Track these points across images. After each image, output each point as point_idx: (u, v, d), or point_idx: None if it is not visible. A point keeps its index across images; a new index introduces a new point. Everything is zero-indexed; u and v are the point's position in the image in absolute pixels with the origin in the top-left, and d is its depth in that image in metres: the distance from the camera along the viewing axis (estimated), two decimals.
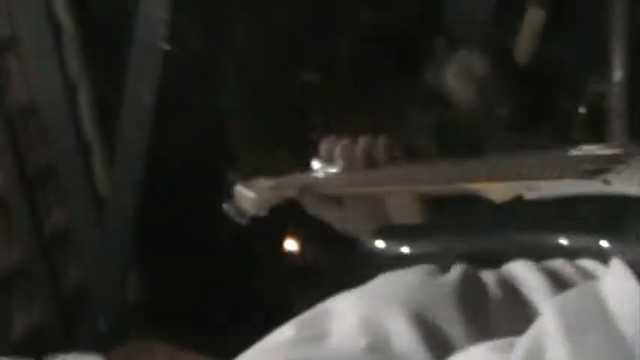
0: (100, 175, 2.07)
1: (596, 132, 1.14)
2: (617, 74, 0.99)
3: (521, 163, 0.71)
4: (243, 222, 0.97)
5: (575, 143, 1.03)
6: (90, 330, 1.99)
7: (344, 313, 0.50)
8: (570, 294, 0.47)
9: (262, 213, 0.96)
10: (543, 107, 1.29)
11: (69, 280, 2.04)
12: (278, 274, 2.06)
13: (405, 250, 0.65)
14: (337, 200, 0.90)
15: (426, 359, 0.46)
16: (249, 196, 0.97)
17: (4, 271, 1.89)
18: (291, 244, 2.02)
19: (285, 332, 0.49)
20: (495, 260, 0.55)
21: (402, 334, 0.46)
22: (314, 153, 0.94)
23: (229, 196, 0.99)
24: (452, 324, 0.48)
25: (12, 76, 1.92)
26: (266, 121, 2.04)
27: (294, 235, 2.01)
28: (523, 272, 0.53)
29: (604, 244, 0.55)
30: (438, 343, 0.46)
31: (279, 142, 1.96)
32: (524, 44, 1.36)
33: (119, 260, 2.02)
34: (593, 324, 0.41)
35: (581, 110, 1.03)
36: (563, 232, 0.58)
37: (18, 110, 1.92)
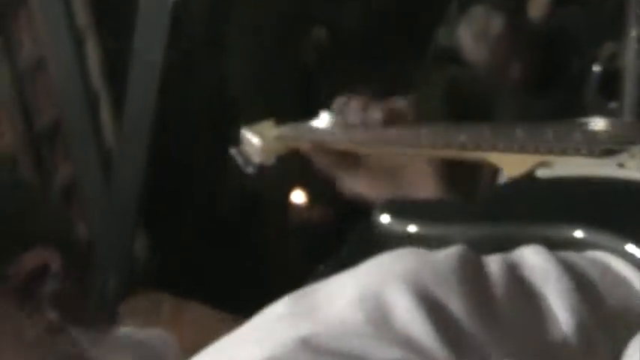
0: (107, 131, 2.06)
1: (610, 92, 1.13)
2: (632, 32, 0.97)
3: (537, 136, 0.70)
4: (250, 170, 0.94)
5: (589, 104, 1.01)
6: (97, 285, 2.00)
7: (342, 288, 0.47)
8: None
9: (269, 162, 0.94)
10: (557, 67, 1.28)
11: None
12: (283, 228, 2.06)
13: (412, 229, 0.63)
14: (349, 160, 0.88)
15: (432, 340, 0.44)
16: (255, 144, 0.94)
17: None
18: (297, 198, 2.01)
19: (279, 308, 0.48)
20: (505, 249, 0.53)
21: (404, 311, 0.44)
22: (324, 108, 0.92)
23: (237, 142, 0.96)
24: (457, 306, 0.46)
25: (20, 32, 1.91)
26: (274, 79, 2.03)
27: (300, 188, 2.00)
28: (533, 259, 0.51)
29: (616, 239, 0.54)
30: (442, 322, 0.44)
31: (286, 99, 1.95)
32: (538, 3, 1.34)
33: (126, 216, 2.03)
34: None
35: (595, 70, 1.01)
36: (577, 224, 0.56)
37: (26, 67, 1.92)
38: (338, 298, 0.45)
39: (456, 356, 0.42)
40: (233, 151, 0.95)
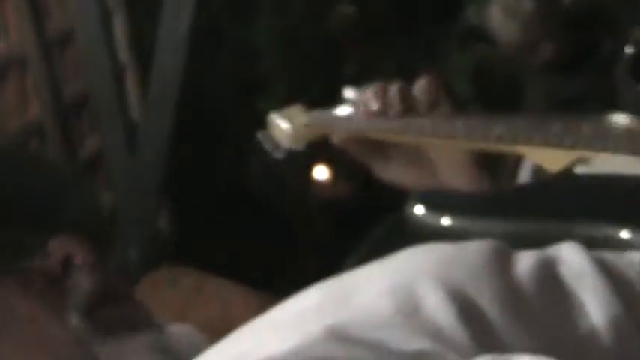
0: (133, 104, 2.07)
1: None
2: None
3: (576, 131, 0.68)
4: (278, 155, 0.93)
5: (619, 86, 1.00)
6: (120, 258, 2.01)
7: (372, 279, 0.47)
8: None
9: (298, 148, 0.92)
10: (587, 48, 1.26)
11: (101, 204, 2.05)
12: (307, 203, 2.06)
13: (446, 222, 0.62)
14: (384, 149, 0.87)
15: (461, 333, 0.43)
16: (284, 129, 0.93)
17: None
18: (322, 173, 2.01)
19: (309, 296, 0.47)
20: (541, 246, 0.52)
21: (435, 303, 0.44)
22: (350, 84, 0.91)
23: (264, 125, 0.95)
24: (487, 300, 0.45)
25: (49, 4, 1.91)
26: (300, 53, 2.02)
27: (325, 164, 2.00)
28: (569, 255, 0.50)
29: None
30: (471, 315, 0.44)
31: (312, 74, 1.94)
32: None
33: (151, 188, 2.03)
34: None
35: (627, 51, 1.00)
36: (622, 224, 0.55)
37: (54, 39, 1.92)
38: (368, 288, 0.45)
39: (483, 350, 0.42)
40: (260, 135, 0.94)
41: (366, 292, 0.45)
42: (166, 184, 2.05)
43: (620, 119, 0.69)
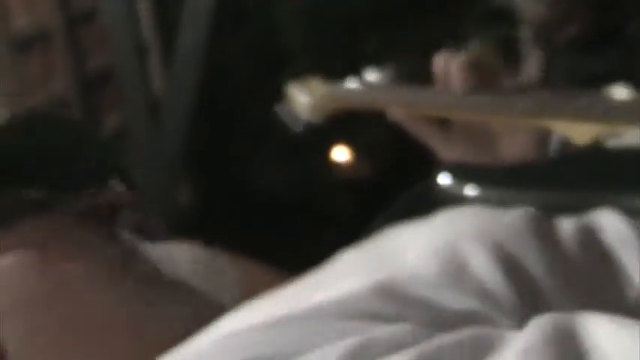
0: (156, 79, 2.07)
1: None
2: None
3: (606, 105, 0.68)
4: (297, 129, 0.92)
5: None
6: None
7: (413, 241, 0.47)
8: None
9: (317, 120, 0.91)
10: (613, 28, 1.25)
11: None
12: (329, 181, 2.06)
13: (471, 192, 0.61)
14: (442, 125, 0.84)
15: (508, 293, 0.43)
16: (303, 101, 0.91)
17: None
18: (342, 153, 2.01)
19: (350, 257, 0.47)
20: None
21: (480, 263, 0.43)
22: (372, 62, 0.90)
23: (283, 98, 0.93)
24: (531, 261, 0.44)
25: None
26: (322, 29, 2.02)
27: (345, 145, 2.00)
28: (610, 222, 0.49)
29: None
30: (517, 275, 0.43)
31: (334, 51, 1.94)
32: None
33: (172, 163, 2.04)
34: None
35: None
36: None
37: (79, 14, 1.93)
38: (410, 250, 0.45)
39: (529, 309, 0.41)
40: (278, 107, 0.93)
41: (408, 253, 0.45)
42: (188, 159, 2.06)
43: None
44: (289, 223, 1.94)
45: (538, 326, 0.38)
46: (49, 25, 1.88)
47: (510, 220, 0.47)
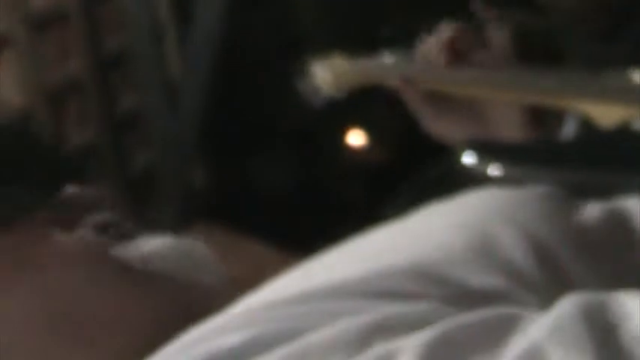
0: (172, 60, 2.07)
1: None
2: None
3: (631, 87, 0.67)
4: (318, 103, 0.92)
5: None
6: (156, 214, 2.03)
7: (442, 218, 0.47)
8: None
9: (339, 95, 0.91)
10: (631, 14, 1.24)
11: (137, 165, 2.08)
12: (344, 166, 2.06)
13: (496, 171, 0.60)
14: (435, 99, 0.85)
15: (535, 272, 0.42)
16: (325, 77, 0.92)
17: (76, 151, 1.93)
18: (357, 136, 2.01)
19: (377, 237, 0.47)
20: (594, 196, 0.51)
21: (508, 243, 0.43)
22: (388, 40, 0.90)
23: (304, 74, 0.93)
24: (558, 244, 0.44)
25: None
26: (339, 12, 2.01)
27: (360, 128, 1.99)
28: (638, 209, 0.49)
29: None
30: (544, 254, 0.43)
31: (352, 32, 1.93)
32: None
33: (187, 146, 2.05)
34: None
35: None
36: None
37: None
38: (436, 230, 0.45)
39: (557, 289, 0.41)
40: (300, 82, 0.93)
41: (436, 231, 0.45)
42: (204, 142, 2.06)
43: None
44: (302, 207, 1.94)
45: (568, 304, 0.37)
46: (66, 4, 1.88)
47: (537, 201, 0.46)
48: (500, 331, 0.37)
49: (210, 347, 0.39)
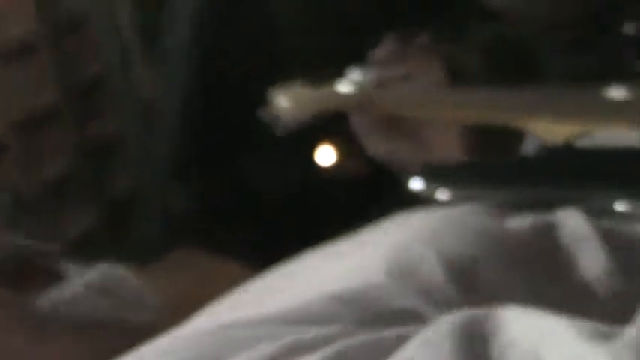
0: (145, 82, 2.07)
1: None
2: None
3: (580, 105, 0.69)
4: (280, 132, 0.94)
5: (632, 63, 0.99)
6: (136, 239, 2.03)
7: (368, 243, 0.50)
8: None
9: (300, 124, 0.92)
10: (600, 24, 1.25)
11: (116, 190, 2.07)
12: (325, 189, 2.06)
13: (444, 195, 0.62)
14: (386, 125, 0.87)
15: (451, 292, 0.45)
16: (285, 105, 0.93)
17: (53, 178, 1.93)
18: (326, 155, 2.01)
19: (305, 261, 0.50)
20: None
21: (429, 265, 0.46)
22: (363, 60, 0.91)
23: (266, 103, 0.95)
24: (481, 261, 0.46)
25: None
26: (319, 29, 2.01)
27: (330, 145, 2.00)
28: (570, 222, 0.51)
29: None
30: (463, 276, 0.45)
31: (331, 51, 1.93)
32: None
33: (166, 170, 2.05)
34: None
35: (629, 31, 1.00)
36: (617, 196, 0.56)
37: (64, 24, 1.93)
38: (362, 254, 0.48)
39: (471, 303, 0.43)
40: (262, 111, 0.95)
41: (363, 256, 0.48)
42: (183, 165, 2.06)
43: (620, 91, 0.70)
44: (281, 222, 1.94)
45: (444, 321, 0.40)
46: (35, 34, 1.88)
47: (459, 219, 0.49)
48: (390, 348, 0.39)
49: None
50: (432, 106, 0.83)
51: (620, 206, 0.55)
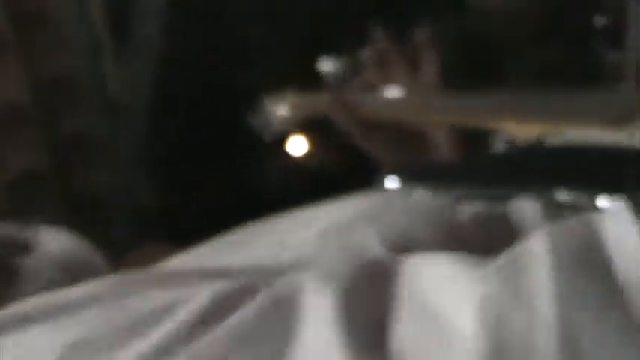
0: (113, 80, 2.06)
1: (616, 43, 1.12)
2: None
3: (549, 107, 0.70)
4: (268, 139, 0.95)
5: (594, 55, 1.00)
6: (105, 235, 2.02)
7: (311, 219, 0.52)
8: (569, 224, 0.45)
9: (290, 130, 0.94)
10: (561, 17, 1.26)
11: (83, 187, 2.06)
12: (292, 181, 2.06)
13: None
14: (373, 126, 0.88)
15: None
16: (277, 113, 0.94)
17: (16, 175, 1.91)
18: (298, 146, 2.00)
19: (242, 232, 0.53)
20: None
21: (366, 237, 0.48)
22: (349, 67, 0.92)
23: (255, 109, 0.96)
24: (422, 246, 0.48)
25: None
26: (284, 24, 2.02)
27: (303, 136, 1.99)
28: (521, 209, 0.53)
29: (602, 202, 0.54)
30: (402, 251, 0.47)
31: (295, 45, 1.94)
32: None
33: (133, 166, 2.03)
34: (589, 262, 0.40)
35: (600, 21, 1.01)
36: (561, 188, 0.57)
37: (33, 17, 1.91)
38: (298, 231, 0.53)
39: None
40: (252, 116, 0.96)
41: (301, 230, 0.52)
42: (151, 159, 2.05)
43: (589, 92, 0.71)
44: (250, 217, 1.93)
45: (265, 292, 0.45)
46: (1, 29, 1.86)
47: (409, 203, 0.51)
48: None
49: None
50: (417, 111, 0.84)
51: (589, 200, 0.56)
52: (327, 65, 0.93)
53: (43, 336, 0.44)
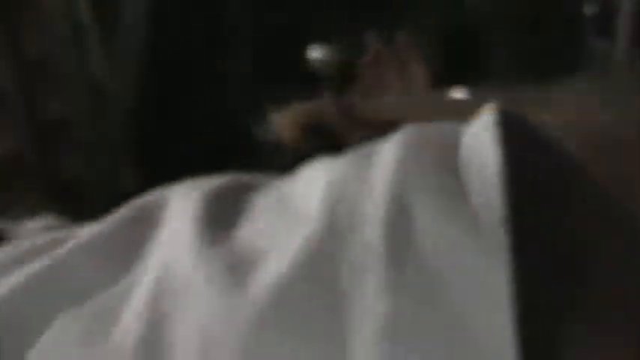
0: (98, 66, 2.04)
1: (605, 33, 1.11)
2: None
3: (525, 99, 0.69)
4: (272, 152, 0.95)
5: (584, 44, 0.99)
6: (88, 221, 2.00)
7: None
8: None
9: (299, 140, 0.94)
10: (550, 8, 1.25)
11: (65, 171, 2.04)
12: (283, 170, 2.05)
13: None
14: (371, 128, 0.87)
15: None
16: (285, 123, 0.94)
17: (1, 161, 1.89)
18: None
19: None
20: None
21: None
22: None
23: (262, 122, 0.97)
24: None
25: None
26: (269, 6, 2.00)
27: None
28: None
29: None
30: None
31: (280, 29, 1.92)
32: None
33: (116, 150, 2.02)
34: (442, 159, 0.40)
35: (589, 11, 0.99)
36: None
37: (13, 2, 1.89)
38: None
39: None
40: (258, 128, 0.97)
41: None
42: (133, 145, 2.03)
43: (573, 85, 0.70)
44: None
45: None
46: None
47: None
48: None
49: None
50: (414, 111, 0.84)
51: None
52: (316, 52, 0.92)
53: None
